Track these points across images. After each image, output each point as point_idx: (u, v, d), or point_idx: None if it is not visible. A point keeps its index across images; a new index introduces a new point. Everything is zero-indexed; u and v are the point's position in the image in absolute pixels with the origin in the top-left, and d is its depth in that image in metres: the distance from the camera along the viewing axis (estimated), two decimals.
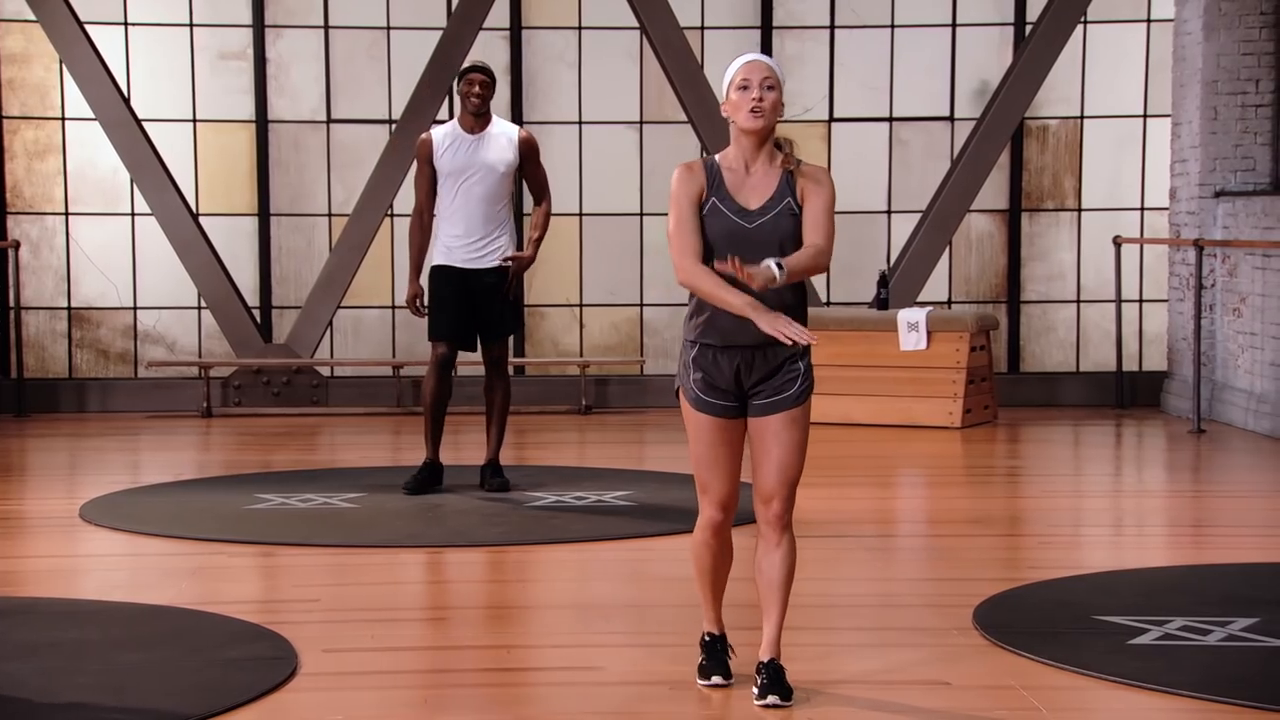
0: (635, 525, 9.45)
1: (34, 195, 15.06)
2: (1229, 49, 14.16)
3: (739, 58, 6.09)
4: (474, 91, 10.30)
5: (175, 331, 15.23)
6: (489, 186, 10.29)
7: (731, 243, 5.91)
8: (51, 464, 12.39)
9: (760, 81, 5.98)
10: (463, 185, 10.28)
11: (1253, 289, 13.48)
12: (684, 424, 6.18)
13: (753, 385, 6.04)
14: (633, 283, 15.38)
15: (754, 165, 6.05)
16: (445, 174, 10.32)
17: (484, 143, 10.32)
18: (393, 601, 7.86)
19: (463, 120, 10.39)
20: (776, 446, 6.01)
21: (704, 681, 6.25)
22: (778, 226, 5.98)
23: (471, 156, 10.28)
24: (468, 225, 10.30)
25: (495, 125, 10.41)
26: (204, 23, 15.10)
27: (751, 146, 6.05)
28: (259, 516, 9.73)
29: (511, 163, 10.34)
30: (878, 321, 13.81)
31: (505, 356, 10.46)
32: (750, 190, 6.02)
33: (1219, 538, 9.50)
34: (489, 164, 10.28)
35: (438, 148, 10.33)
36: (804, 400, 6.06)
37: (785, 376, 6.04)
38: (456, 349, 10.42)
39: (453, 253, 10.34)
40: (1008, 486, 11.35)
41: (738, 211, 5.99)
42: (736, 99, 6.00)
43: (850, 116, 15.33)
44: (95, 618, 7.32)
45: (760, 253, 5.85)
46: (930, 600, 7.72)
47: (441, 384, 10.40)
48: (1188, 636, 6.88)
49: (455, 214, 10.32)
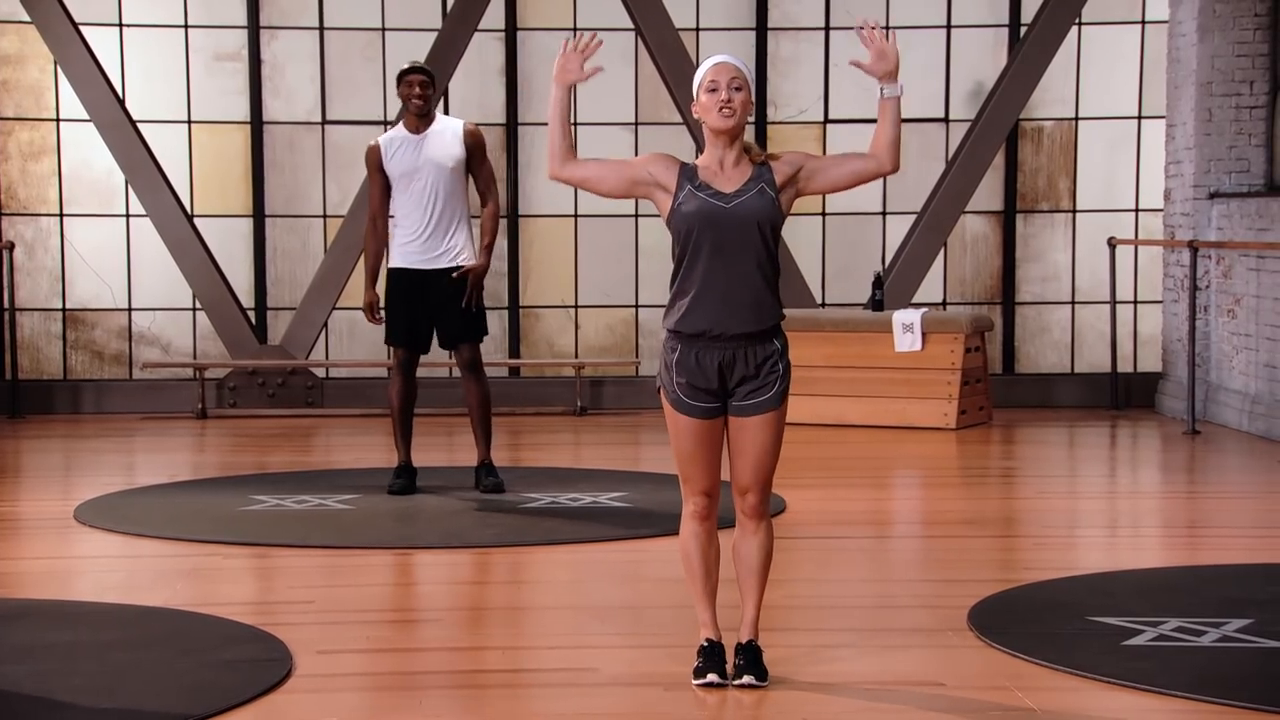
0: (630, 526, 9.45)
1: (29, 196, 15.05)
2: (1223, 51, 14.16)
3: (706, 60, 6.28)
4: (414, 93, 10.30)
5: (170, 333, 15.22)
6: (438, 184, 10.25)
7: (710, 222, 6.11)
8: (46, 465, 12.40)
9: (728, 82, 6.18)
10: (413, 185, 10.25)
11: (1247, 290, 13.49)
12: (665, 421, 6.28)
13: (735, 384, 6.15)
14: (628, 284, 15.38)
15: (726, 161, 6.22)
16: (396, 176, 10.29)
17: (429, 141, 10.28)
18: (387, 603, 7.87)
19: (407, 122, 10.38)
20: (754, 446, 6.19)
21: (699, 681, 6.26)
22: (753, 205, 6.13)
23: (418, 156, 10.25)
24: (421, 225, 10.27)
25: (439, 122, 10.38)
26: (199, 24, 15.08)
27: (723, 145, 6.23)
28: (254, 518, 9.73)
29: (459, 157, 10.28)
30: (873, 323, 13.81)
31: (478, 358, 10.42)
32: (725, 180, 6.20)
33: (1213, 539, 9.51)
34: (435, 161, 10.24)
35: (386, 152, 10.31)
36: (782, 402, 6.21)
37: (766, 376, 6.17)
38: (415, 353, 10.43)
39: (408, 254, 10.32)
40: (1003, 487, 11.35)
41: (714, 195, 6.16)
42: (706, 100, 6.20)
43: (845, 118, 15.32)
44: (90, 619, 7.32)
45: (737, 230, 6.10)
46: (925, 601, 7.73)
47: (406, 386, 10.42)
48: (1182, 637, 6.89)
49: (408, 215, 10.30)
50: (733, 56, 6.30)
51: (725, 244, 6.10)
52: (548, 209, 15.31)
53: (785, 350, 6.22)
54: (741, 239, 6.09)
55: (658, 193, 6.22)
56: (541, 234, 15.35)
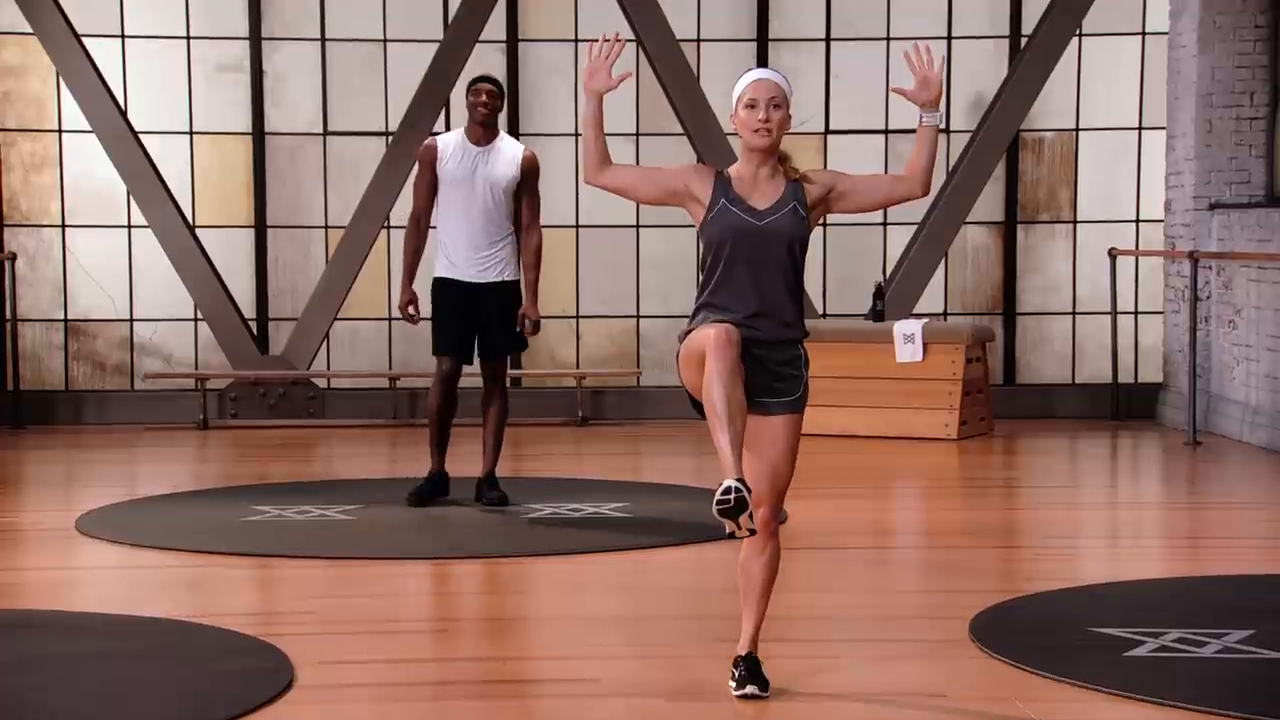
0: (632, 537, 9.44)
1: (31, 208, 15.05)
2: (1224, 62, 14.16)
3: (748, 73, 6.30)
4: (482, 101, 10.22)
5: (172, 343, 15.22)
6: (493, 200, 10.19)
7: (743, 238, 6.15)
8: (48, 476, 12.39)
9: (767, 101, 6.19)
10: (467, 197, 10.17)
11: (1248, 301, 13.49)
12: (683, 377, 6.12)
13: (758, 381, 6.12)
14: (629, 294, 15.38)
15: (761, 176, 6.24)
16: (449, 183, 10.21)
17: (491, 156, 10.24)
18: (389, 614, 7.85)
19: (470, 131, 10.30)
20: (773, 449, 6.18)
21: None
22: (785, 224, 6.18)
23: (478, 168, 10.19)
24: (471, 239, 10.20)
25: (502, 140, 10.34)
26: (201, 35, 15.09)
27: (758, 160, 6.25)
28: (255, 528, 9.72)
29: (515, 178, 10.23)
30: (873, 333, 13.81)
31: (504, 372, 10.42)
32: (759, 195, 6.22)
33: (1215, 549, 9.51)
34: (494, 177, 10.20)
35: (443, 155, 10.24)
36: (802, 407, 6.23)
37: (789, 379, 6.20)
38: (461, 363, 10.35)
39: (456, 266, 10.25)
40: (1004, 498, 11.35)
41: (747, 211, 6.19)
42: (744, 116, 6.22)
43: (846, 129, 15.33)
44: (91, 630, 7.32)
45: (770, 248, 6.15)
46: (926, 612, 7.73)
47: (447, 398, 10.34)
48: (1184, 649, 6.88)
49: (458, 226, 10.22)
50: (774, 72, 6.32)
51: (755, 259, 6.15)
52: (549, 219, 15.11)
53: (807, 363, 6.27)
54: (771, 255, 6.15)
55: (692, 204, 6.27)
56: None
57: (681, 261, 15.11)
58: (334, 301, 14.89)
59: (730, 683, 6.29)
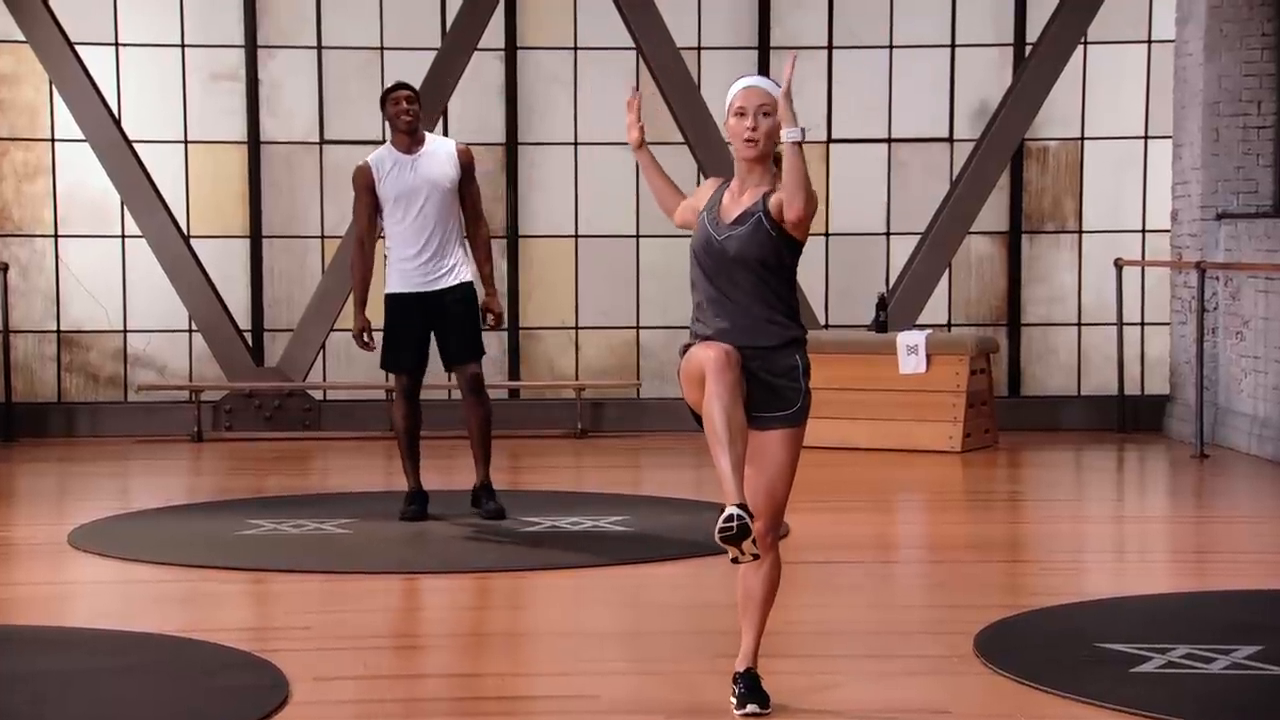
0: (632, 551, 9.39)
1: (23, 217, 14.98)
2: (1230, 70, 14.10)
3: (739, 80, 6.20)
4: (402, 109, 10.17)
5: (166, 355, 15.14)
6: (438, 204, 10.13)
7: (705, 252, 6.14)
8: (40, 489, 12.36)
9: (756, 109, 6.09)
10: (411, 207, 10.11)
11: (1255, 312, 13.42)
12: (685, 393, 6.06)
13: (752, 400, 6.01)
14: (629, 305, 15.32)
15: (745, 186, 6.15)
16: (392, 199, 10.13)
17: (425, 161, 10.17)
18: (385, 629, 7.86)
19: (398, 141, 10.23)
20: (771, 464, 6.10)
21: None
22: (740, 241, 6.05)
23: (415, 176, 10.13)
24: (421, 246, 10.12)
25: (431, 142, 10.29)
26: (195, 43, 15.02)
27: (746, 169, 6.16)
28: (250, 542, 9.68)
29: (455, 178, 10.18)
30: (877, 344, 13.74)
31: (480, 378, 10.31)
32: (737, 207, 6.13)
33: (1222, 564, 9.48)
34: (434, 181, 10.13)
35: (379, 174, 10.16)
36: (802, 421, 6.12)
37: (786, 393, 6.08)
38: (420, 377, 10.32)
39: (408, 277, 10.16)
40: (1008, 511, 11.30)
41: (714, 223, 6.15)
42: (734, 125, 6.13)
43: (849, 138, 15.27)
44: (84, 645, 7.30)
45: (729, 265, 6.06)
46: (930, 627, 7.70)
47: (412, 412, 10.31)
48: (1191, 665, 6.83)
49: (407, 236, 10.14)
50: (764, 79, 6.17)
51: (721, 272, 6.09)
52: (547, 229, 15.24)
53: (806, 372, 6.12)
54: (735, 268, 6.05)
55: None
56: (541, 255, 15.28)
57: (682, 272, 14.73)
58: (330, 312, 14.80)
59: (731, 700, 6.20)
